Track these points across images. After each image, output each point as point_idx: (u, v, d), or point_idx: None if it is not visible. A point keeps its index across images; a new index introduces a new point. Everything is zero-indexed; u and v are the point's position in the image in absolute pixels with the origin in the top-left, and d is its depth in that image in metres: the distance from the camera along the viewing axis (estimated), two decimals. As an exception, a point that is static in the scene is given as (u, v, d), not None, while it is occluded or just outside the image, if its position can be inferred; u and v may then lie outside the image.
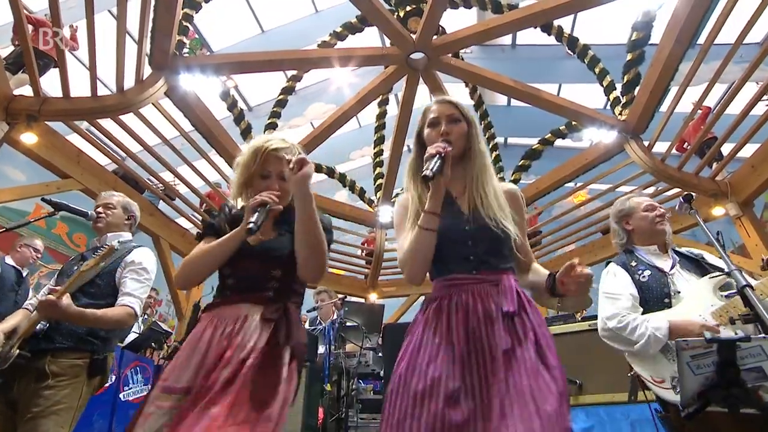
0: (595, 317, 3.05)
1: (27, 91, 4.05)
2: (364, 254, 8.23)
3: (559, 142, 6.26)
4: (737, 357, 1.05)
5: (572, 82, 8.70)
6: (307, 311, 4.20)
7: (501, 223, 1.20)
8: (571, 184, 6.51)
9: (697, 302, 1.65)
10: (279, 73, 7.23)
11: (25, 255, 3.63)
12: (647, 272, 1.80)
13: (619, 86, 5.25)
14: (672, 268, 1.80)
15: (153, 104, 4.55)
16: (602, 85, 5.53)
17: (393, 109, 7.55)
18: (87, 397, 1.86)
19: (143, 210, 5.51)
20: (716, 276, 1.69)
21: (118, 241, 2.07)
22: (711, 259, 1.84)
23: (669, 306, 1.70)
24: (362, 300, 7.53)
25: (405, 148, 6.60)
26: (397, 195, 7.53)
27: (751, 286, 1.15)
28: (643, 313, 1.73)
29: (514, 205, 1.30)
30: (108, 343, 1.99)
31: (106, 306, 1.89)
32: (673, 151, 5.18)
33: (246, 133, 6.16)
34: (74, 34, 5.02)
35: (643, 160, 4.97)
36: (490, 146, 6.96)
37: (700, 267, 1.82)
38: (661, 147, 5.19)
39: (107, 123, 4.61)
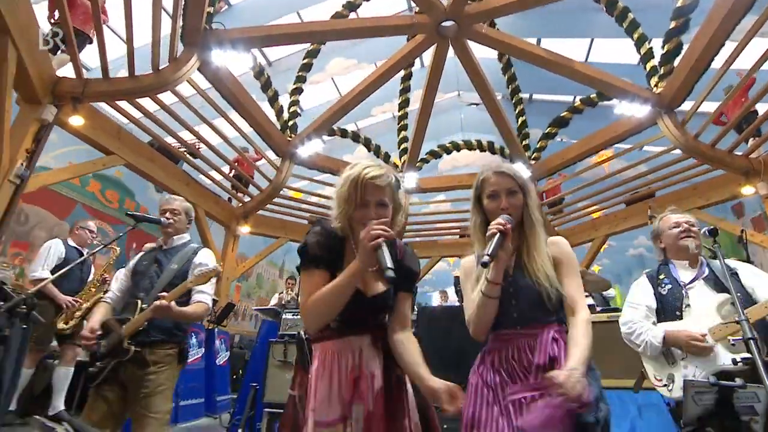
0: (611, 310, 3.28)
1: (68, 71, 4.16)
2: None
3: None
4: (734, 397, 1.33)
5: (605, 36, 8.23)
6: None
7: (542, 282, 1.30)
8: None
9: (701, 318, 1.85)
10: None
11: (83, 236, 3.95)
12: (668, 287, 2.01)
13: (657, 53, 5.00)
14: (693, 281, 1.97)
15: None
16: (639, 53, 5.31)
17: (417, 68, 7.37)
18: (177, 377, 2.24)
19: (179, 180, 5.84)
20: (724, 297, 1.85)
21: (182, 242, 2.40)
22: (746, 276, 1.92)
23: (680, 318, 1.91)
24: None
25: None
26: (422, 161, 7.59)
27: (756, 339, 1.33)
28: (659, 321, 1.96)
29: (560, 258, 1.39)
30: (187, 334, 2.33)
31: (184, 301, 2.19)
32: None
33: (266, 88, 6.12)
34: (103, 6, 4.97)
35: (674, 136, 4.91)
36: (514, 101, 6.84)
37: (721, 284, 1.93)
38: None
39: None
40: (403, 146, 7.56)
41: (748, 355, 1.56)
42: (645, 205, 5.80)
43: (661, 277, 2.05)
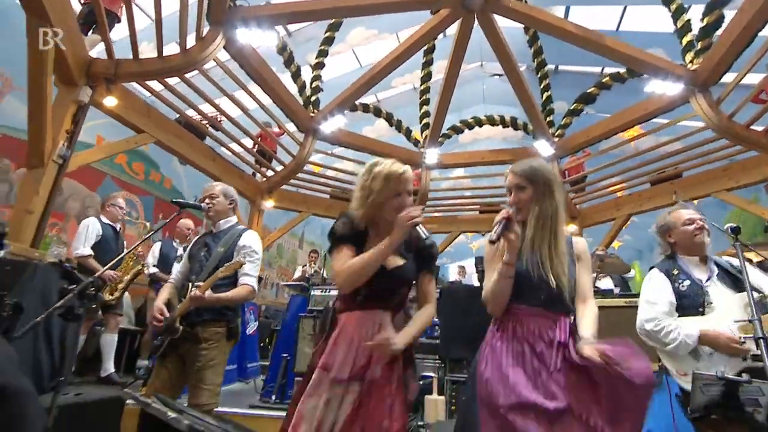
0: (629, 295, 3.33)
1: (99, 51, 4.26)
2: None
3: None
4: (739, 391, 1.46)
5: (638, 3, 7.81)
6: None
7: (562, 282, 1.47)
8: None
9: (727, 314, 1.87)
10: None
11: (114, 213, 4.17)
12: (687, 282, 2.00)
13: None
14: (708, 279, 1.99)
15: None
16: (676, 25, 5.07)
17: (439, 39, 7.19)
18: (228, 353, 2.45)
19: (206, 156, 6.00)
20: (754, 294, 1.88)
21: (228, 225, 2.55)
22: (752, 275, 1.94)
23: (702, 314, 1.92)
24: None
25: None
26: (443, 136, 7.54)
27: (766, 338, 1.41)
28: (680, 316, 1.97)
29: (580, 256, 1.58)
30: (236, 312, 2.51)
31: (230, 284, 2.36)
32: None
33: (288, 63, 6.12)
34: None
35: (708, 116, 4.76)
36: (539, 75, 6.67)
37: (736, 282, 1.97)
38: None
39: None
40: (425, 121, 7.50)
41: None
42: (670, 185, 5.71)
43: (676, 272, 2.05)
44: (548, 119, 6.72)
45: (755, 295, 1.84)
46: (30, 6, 3.36)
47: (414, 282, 1.68)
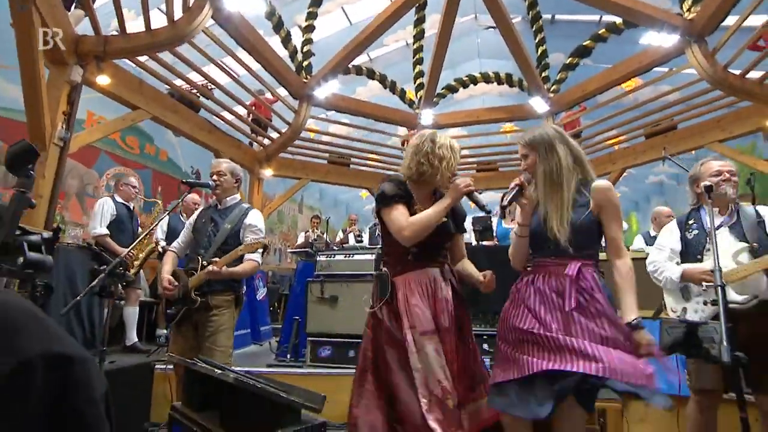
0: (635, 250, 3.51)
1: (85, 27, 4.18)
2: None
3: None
4: (699, 331, 1.70)
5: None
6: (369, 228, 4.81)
7: (559, 235, 1.58)
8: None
9: (720, 260, 2.03)
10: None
11: (128, 192, 4.26)
12: (695, 232, 2.18)
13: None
14: (718, 228, 2.09)
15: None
16: (674, -28, 4.94)
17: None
18: (236, 318, 2.66)
19: (202, 129, 6.01)
20: (742, 246, 2.03)
21: (234, 203, 2.69)
22: None
23: (700, 260, 2.11)
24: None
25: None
26: (439, 95, 7.48)
27: (723, 287, 1.58)
28: (683, 262, 2.18)
29: (603, 204, 1.61)
30: (241, 283, 2.70)
31: (237, 258, 2.53)
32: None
33: (278, 28, 5.99)
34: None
35: (703, 67, 4.75)
36: (534, 29, 6.55)
37: (743, 233, 2.07)
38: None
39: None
40: (418, 81, 7.41)
41: (740, 298, 1.84)
42: (664, 138, 5.77)
43: (690, 222, 2.21)
44: (543, 74, 6.65)
45: (744, 245, 2.01)
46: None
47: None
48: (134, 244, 2.79)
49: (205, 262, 2.46)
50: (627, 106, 6.48)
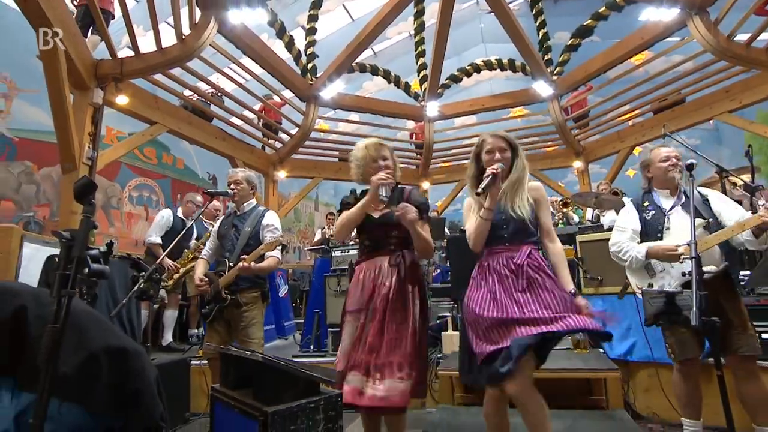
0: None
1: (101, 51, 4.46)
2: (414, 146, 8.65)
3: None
4: (676, 299, 1.85)
5: None
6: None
7: (522, 214, 1.81)
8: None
9: (678, 237, 2.15)
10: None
11: (190, 209, 4.49)
12: (652, 212, 2.30)
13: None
14: (672, 208, 2.26)
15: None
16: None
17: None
18: (264, 312, 2.91)
19: (215, 137, 6.28)
20: (699, 221, 2.15)
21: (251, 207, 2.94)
22: (714, 202, 2.21)
23: (661, 238, 2.23)
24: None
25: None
26: (443, 86, 7.56)
27: (698, 258, 1.68)
28: (642, 242, 2.28)
29: (538, 199, 1.90)
30: (266, 280, 2.94)
31: (259, 257, 2.76)
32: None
33: (281, 34, 6.17)
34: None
35: (706, 39, 4.71)
36: (534, 12, 6.56)
37: (697, 209, 2.16)
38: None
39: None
40: (422, 73, 7.50)
41: (709, 269, 1.97)
42: (672, 113, 5.74)
43: (645, 204, 2.34)
44: (546, 57, 6.66)
45: (702, 221, 2.12)
46: (33, 15, 3.53)
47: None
48: (167, 250, 3.02)
49: (231, 264, 2.70)
50: (634, 81, 6.43)
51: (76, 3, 4.60)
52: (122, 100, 4.57)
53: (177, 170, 9.89)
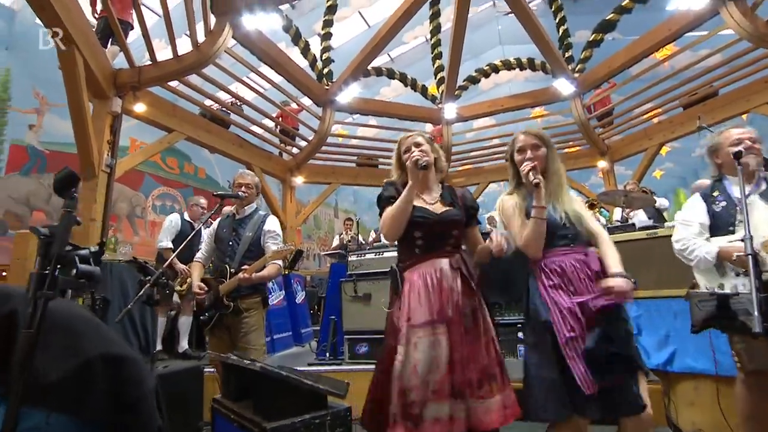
0: (648, 227, 3.36)
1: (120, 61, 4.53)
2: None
3: None
4: (731, 302, 1.62)
5: None
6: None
7: (574, 215, 1.69)
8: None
9: (754, 231, 1.81)
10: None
11: (196, 212, 4.54)
12: (723, 203, 2.03)
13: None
14: (749, 196, 1.93)
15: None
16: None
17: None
18: (265, 318, 2.82)
19: (233, 143, 6.30)
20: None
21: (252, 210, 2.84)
22: None
23: (733, 232, 1.96)
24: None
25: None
26: (460, 88, 7.42)
27: (755, 255, 1.48)
28: (712, 236, 2.03)
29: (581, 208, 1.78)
30: (266, 285, 2.85)
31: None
32: None
33: (296, 39, 6.17)
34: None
35: (741, 26, 4.43)
36: (554, 8, 6.38)
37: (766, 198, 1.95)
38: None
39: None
40: (439, 75, 7.39)
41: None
42: (703, 107, 5.42)
43: (715, 194, 2.07)
44: (567, 54, 6.44)
45: None
46: (52, 25, 3.59)
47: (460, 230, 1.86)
48: (175, 253, 2.97)
49: (233, 270, 2.62)
50: (660, 76, 6.13)
51: (96, 15, 4.70)
52: (140, 108, 4.62)
53: (198, 179, 10.04)
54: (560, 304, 1.58)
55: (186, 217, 4.50)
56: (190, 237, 2.70)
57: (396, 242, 1.91)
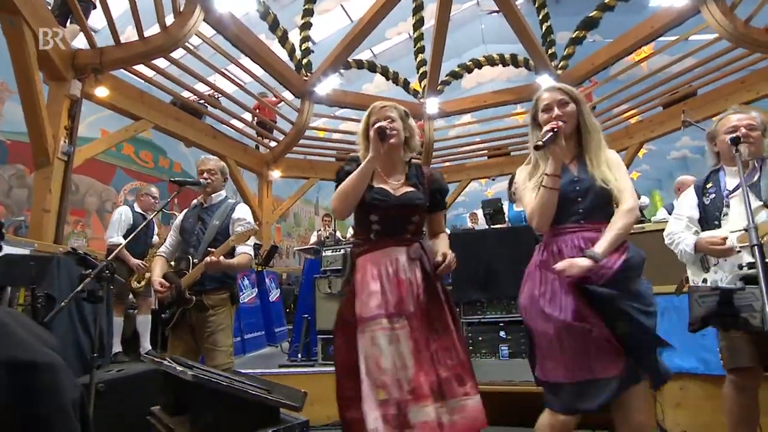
0: (638, 222, 3.29)
1: (80, 42, 4.22)
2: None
3: None
4: (734, 298, 1.48)
5: None
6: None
7: (607, 183, 1.44)
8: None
9: (735, 225, 1.82)
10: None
11: (147, 202, 4.24)
12: (712, 196, 1.96)
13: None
14: (735, 189, 1.87)
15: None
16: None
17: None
18: (233, 316, 2.58)
19: (207, 134, 6.01)
20: (757, 204, 1.81)
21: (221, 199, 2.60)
22: None
23: (719, 226, 1.89)
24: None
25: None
26: (443, 83, 7.30)
27: (761, 245, 1.35)
28: (703, 230, 1.95)
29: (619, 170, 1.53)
30: (235, 280, 2.62)
31: (228, 254, 2.45)
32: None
33: (274, 27, 5.92)
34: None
35: (721, 25, 4.43)
36: (537, 5, 6.32)
37: (757, 188, 1.85)
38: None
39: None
40: (422, 70, 7.25)
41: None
42: (683, 106, 5.44)
43: (708, 186, 2.00)
44: (550, 51, 6.39)
45: (757, 206, 1.79)
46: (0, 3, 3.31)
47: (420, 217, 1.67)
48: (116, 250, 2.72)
49: (196, 261, 2.39)
50: (641, 75, 6.14)
51: (53, -9, 4.36)
52: (102, 92, 4.31)
53: (174, 174, 9.64)
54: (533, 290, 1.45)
55: (137, 208, 4.18)
56: (139, 228, 2.42)
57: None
